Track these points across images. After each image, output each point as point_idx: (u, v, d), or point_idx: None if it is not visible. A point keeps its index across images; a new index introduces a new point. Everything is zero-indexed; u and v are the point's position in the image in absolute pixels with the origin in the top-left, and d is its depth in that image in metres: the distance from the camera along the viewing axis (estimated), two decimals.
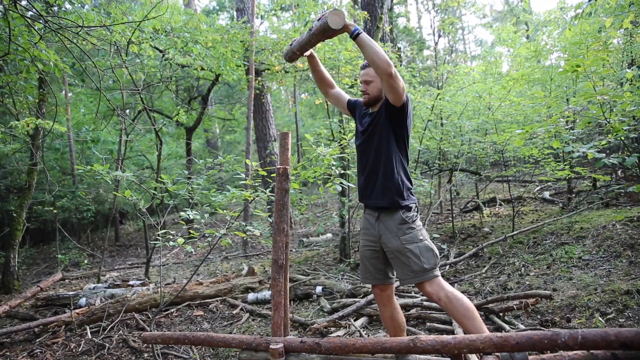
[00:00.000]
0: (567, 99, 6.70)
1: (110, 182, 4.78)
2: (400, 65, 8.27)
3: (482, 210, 8.15)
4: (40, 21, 4.20)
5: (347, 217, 6.42)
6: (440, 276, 2.47)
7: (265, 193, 4.11)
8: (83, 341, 4.05)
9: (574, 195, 7.69)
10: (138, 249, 12.46)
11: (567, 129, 4.62)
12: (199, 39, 8.06)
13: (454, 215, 7.54)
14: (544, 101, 5.94)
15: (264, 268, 6.75)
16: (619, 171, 7.93)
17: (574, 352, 2.06)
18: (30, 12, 4.42)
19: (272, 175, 3.49)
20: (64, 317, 4.51)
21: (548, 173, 6.45)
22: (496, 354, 2.13)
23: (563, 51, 7.73)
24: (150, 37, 7.04)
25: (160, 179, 4.36)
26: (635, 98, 3.59)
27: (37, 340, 4.23)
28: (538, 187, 9.85)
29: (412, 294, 4.27)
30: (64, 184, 12.78)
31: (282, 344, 2.36)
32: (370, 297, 4.01)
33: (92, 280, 7.31)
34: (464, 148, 7.24)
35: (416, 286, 2.51)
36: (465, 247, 5.97)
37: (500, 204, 8.86)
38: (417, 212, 2.64)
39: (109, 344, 3.95)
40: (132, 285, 5.64)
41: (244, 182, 4.11)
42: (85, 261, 9.75)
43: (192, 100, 13.61)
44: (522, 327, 3.24)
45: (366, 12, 8.78)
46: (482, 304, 3.58)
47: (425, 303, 3.85)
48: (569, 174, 5.91)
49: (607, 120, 3.52)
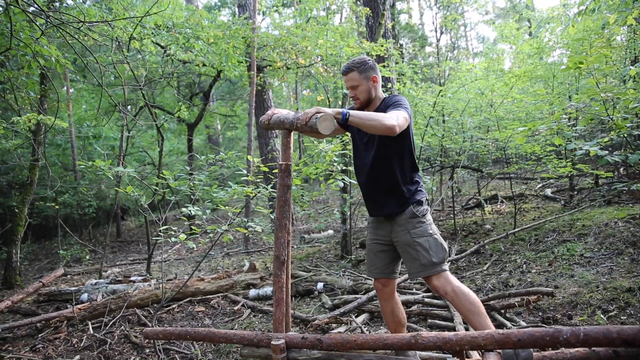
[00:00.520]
0: (570, 96, 6.68)
1: (112, 178, 4.78)
2: (403, 62, 8.24)
3: (483, 207, 8.14)
4: (42, 16, 4.20)
5: (348, 213, 6.42)
6: (448, 271, 2.47)
7: (266, 189, 4.11)
8: (85, 336, 4.07)
9: (575, 192, 7.67)
10: (139, 245, 12.48)
11: (569, 126, 4.61)
12: (201, 35, 8.04)
13: (455, 212, 7.53)
14: (547, 98, 5.92)
15: (266, 264, 6.76)
16: (621, 168, 7.91)
17: (576, 349, 2.06)
18: (31, 8, 4.41)
19: (273, 172, 3.49)
20: (66, 312, 4.53)
21: (550, 170, 6.44)
22: (498, 350, 2.12)
23: (566, 48, 7.71)
24: (152, 33, 7.02)
25: (161, 175, 4.36)
26: (639, 95, 3.57)
27: (40, 335, 4.24)
28: (540, 185, 9.83)
29: (414, 290, 4.27)
30: (65, 179, 12.80)
31: (283, 340, 2.36)
32: (371, 293, 4.01)
33: (94, 276, 7.34)
34: (465, 145, 7.23)
35: (424, 279, 2.51)
36: (467, 244, 5.97)
37: (502, 201, 8.85)
38: (428, 205, 2.62)
39: (111, 339, 3.96)
40: (134, 281, 5.65)
41: (245, 178, 4.11)
42: (87, 257, 9.77)
43: (194, 96, 13.60)
44: (523, 324, 3.24)
45: (368, 9, 8.75)
46: (483, 301, 3.57)
47: (426, 300, 3.85)
48: (571, 171, 5.90)
49: (610, 117, 3.50)
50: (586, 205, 6.45)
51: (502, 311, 3.47)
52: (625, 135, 4.10)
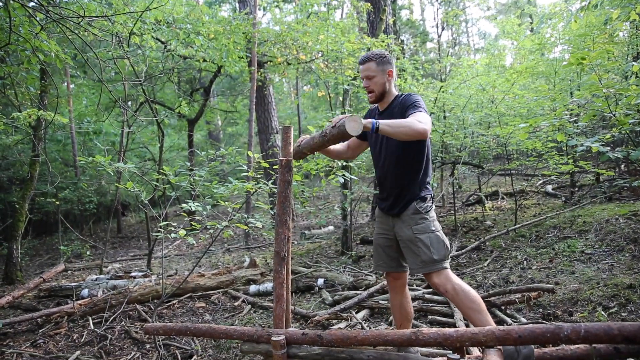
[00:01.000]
0: (572, 92, 6.66)
1: (112, 174, 4.78)
2: (404, 58, 8.21)
3: (484, 203, 8.14)
4: (42, 11, 4.18)
5: (349, 209, 6.42)
6: (449, 268, 2.47)
7: (267, 185, 4.10)
8: (85, 332, 4.07)
9: (576, 189, 7.66)
10: (140, 240, 12.50)
11: (571, 122, 4.59)
12: (201, 30, 8.02)
13: (456, 208, 7.53)
14: (548, 94, 5.90)
15: (266, 260, 6.76)
16: (623, 165, 7.89)
17: (577, 346, 2.06)
18: (31, 2, 4.39)
19: (274, 167, 3.48)
20: (67, 308, 4.53)
21: (551, 167, 6.42)
22: (498, 347, 2.12)
23: (568, 44, 7.67)
24: (152, 28, 7.00)
25: (162, 171, 4.35)
26: None
27: (40, 330, 4.25)
28: (541, 181, 9.82)
29: (414, 286, 4.27)
30: (66, 175, 12.81)
31: (283, 336, 2.36)
32: (372, 289, 4.01)
33: (95, 272, 7.34)
34: (466, 141, 7.21)
35: (424, 276, 2.51)
36: (468, 241, 5.97)
37: (503, 198, 8.84)
38: (432, 202, 2.62)
39: (111, 335, 3.96)
40: (134, 277, 5.65)
41: (246, 174, 4.10)
42: (88, 252, 9.79)
43: (194, 92, 13.57)
44: (524, 320, 3.23)
45: (369, 4, 8.72)
46: (484, 297, 3.57)
47: (427, 296, 3.85)
48: (572, 168, 5.89)
49: (613, 113, 3.48)
50: (587, 202, 6.44)
51: (503, 307, 3.46)
52: (628, 131, 4.08)
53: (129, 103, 12.91)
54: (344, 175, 4.85)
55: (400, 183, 2.58)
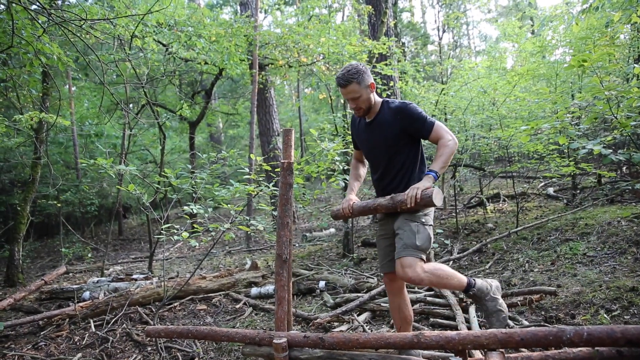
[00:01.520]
0: (573, 95, 6.66)
1: (114, 176, 4.78)
2: (405, 60, 8.22)
3: (485, 206, 8.13)
4: (44, 14, 4.19)
5: None
6: (424, 261, 2.44)
7: (268, 187, 4.10)
8: (87, 334, 4.07)
9: (578, 191, 7.65)
10: (141, 242, 12.51)
11: (572, 124, 4.59)
12: (203, 33, 8.04)
13: (457, 210, 7.52)
14: (550, 97, 5.90)
15: (267, 262, 6.76)
16: (624, 167, 7.88)
17: (579, 349, 2.05)
18: (33, 6, 4.41)
19: (275, 170, 3.48)
20: (68, 310, 4.54)
21: (552, 169, 6.42)
22: (500, 350, 2.11)
23: (569, 46, 7.68)
24: (154, 31, 7.01)
25: (163, 173, 4.35)
26: None
27: (42, 333, 4.25)
28: (542, 183, 9.81)
29: (416, 289, 4.26)
30: (67, 177, 12.83)
31: (285, 338, 2.36)
32: (373, 292, 4.00)
33: (96, 274, 7.35)
34: (468, 143, 7.21)
35: (401, 267, 2.40)
36: (469, 243, 5.96)
37: (504, 200, 8.83)
38: None
39: (113, 337, 3.96)
40: (136, 279, 5.65)
41: (247, 176, 4.11)
42: (89, 255, 9.79)
43: (196, 94, 13.59)
44: (526, 323, 3.22)
45: (370, 7, 8.74)
46: None
47: (428, 298, 3.85)
48: (573, 170, 5.88)
49: (614, 116, 3.48)
50: (589, 204, 6.43)
51: None
52: (629, 134, 4.08)
53: (131, 105, 12.94)
54: (345, 178, 4.85)
55: (397, 184, 2.60)
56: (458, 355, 2.35)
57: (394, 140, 2.56)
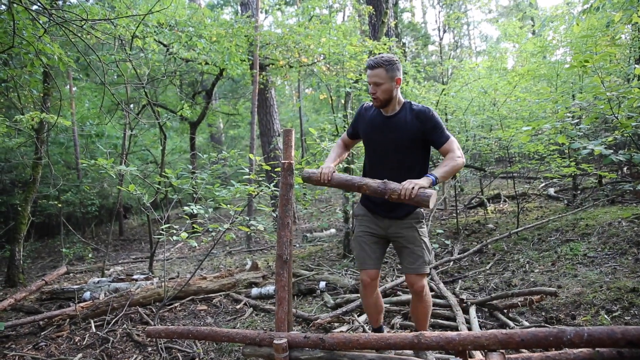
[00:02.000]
0: (574, 95, 6.65)
1: (115, 177, 4.79)
2: (405, 61, 8.22)
3: (486, 206, 8.12)
4: (45, 15, 4.20)
5: (350, 212, 6.41)
6: None
7: (269, 188, 4.10)
8: (87, 335, 4.07)
9: (579, 192, 7.64)
10: (142, 243, 12.51)
11: (573, 125, 4.58)
12: (204, 33, 8.04)
13: (458, 211, 7.52)
14: (550, 97, 5.89)
15: (268, 263, 6.76)
16: (625, 168, 7.87)
17: (580, 349, 2.04)
18: (34, 6, 4.41)
19: (276, 170, 3.48)
20: (69, 310, 4.54)
21: (553, 169, 6.41)
22: (501, 351, 2.11)
23: (570, 46, 7.67)
24: (155, 31, 7.02)
25: (164, 174, 4.36)
26: None
27: (42, 333, 4.25)
28: (543, 184, 9.80)
29: None
30: (68, 178, 12.83)
31: (285, 339, 2.36)
32: None
33: (97, 274, 7.35)
34: (468, 144, 7.21)
35: (413, 277, 2.59)
36: (470, 244, 5.95)
37: (505, 201, 8.82)
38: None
39: (113, 337, 3.96)
40: (136, 280, 5.65)
41: (248, 176, 4.11)
42: (90, 255, 9.80)
43: (196, 94, 13.59)
44: (526, 324, 3.22)
45: (371, 7, 8.74)
46: (486, 301, 3.57)
47: None
48: (574, 171, 5.88)
49: (615, 116, 3.48)
50: (590, 205, 6.42)
51: (505, 311, 3.45)
52: (630, 134, 4.07)
53: (131, 106, 12.95)
54: None
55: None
56: (458, 356, 2.34)
57: (409, 141, 2.58)
